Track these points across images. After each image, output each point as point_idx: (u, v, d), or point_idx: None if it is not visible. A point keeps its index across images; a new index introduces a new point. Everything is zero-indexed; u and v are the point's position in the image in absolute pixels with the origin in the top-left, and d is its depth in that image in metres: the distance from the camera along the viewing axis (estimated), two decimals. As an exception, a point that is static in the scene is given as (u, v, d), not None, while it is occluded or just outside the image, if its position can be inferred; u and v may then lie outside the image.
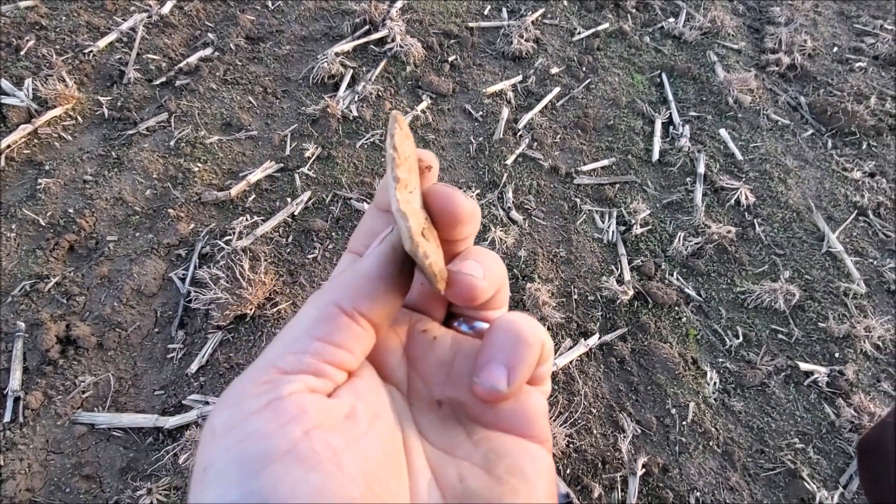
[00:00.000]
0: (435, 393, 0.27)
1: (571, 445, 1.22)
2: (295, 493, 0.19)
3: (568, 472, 1.19)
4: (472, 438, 0.26)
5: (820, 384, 1.36)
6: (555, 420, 1.22)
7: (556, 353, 1.35)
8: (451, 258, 0.29)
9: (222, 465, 0.20)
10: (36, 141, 1.57)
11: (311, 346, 0.23)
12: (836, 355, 1.42)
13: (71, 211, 1.45)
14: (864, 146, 1.92)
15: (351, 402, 0.24)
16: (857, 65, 2.17)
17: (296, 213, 1.53)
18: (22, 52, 1.73)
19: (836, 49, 2.25)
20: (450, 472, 0.25)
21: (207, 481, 0.20)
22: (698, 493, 1.20)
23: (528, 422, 0.26)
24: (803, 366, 1.38)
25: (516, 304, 1.41)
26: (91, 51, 1.78)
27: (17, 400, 1.16)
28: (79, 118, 1.64)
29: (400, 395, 0.27)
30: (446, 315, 0.32)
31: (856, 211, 1.73)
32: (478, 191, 1.63)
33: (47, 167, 1.52)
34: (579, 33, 2.13)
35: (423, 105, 1.81)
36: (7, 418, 1.14)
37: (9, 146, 1.53)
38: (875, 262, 1.61)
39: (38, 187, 1.47)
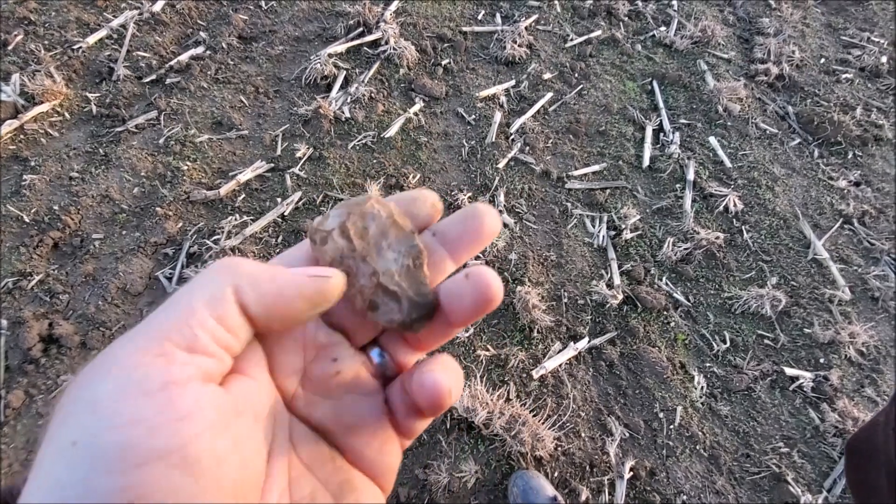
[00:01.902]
0: (315, 416, 0.27)
1: (560, 448, 1.22)
2: (167, 498, 0.18)
3: (556, 475, 1.19)
4: (335, 464, 0.26)
5: (805, 389, 1.38)
6: (543, 423, 1.22)
7: (545, 357, 1.35)
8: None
9: (99, 447, 0.18)
10: (22, 136, 1.55)
11: (208, 323, 0.21)
12: (821, 361, 1.44)
13: (56, 208, 1.43)
14: (850, 156, 1.95)
15: (240, 396, 0.23)
16: (844, 76, 2.21)
17: (286, 214, 1.52)
18: (9, 47, 1.70)
19: (823, 60, 2.28)
20: (304, 489, 0.25)
21: (75, 459, 0.18)
22: (685, 497, 1.20)
23: (385, 472, 0.27)
24: (789, 371, 1.40)
25: (506, 306, 1.41)
26: (80, 47, 1.76)
27: (-4, 399, 1.14)
28: (66, 114, 1.62)
29: (278, 398, 0.26)
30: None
31: (841, 219, 1.76)
32: (469, 193, 1.63)
33: (33, 163, 1.50)
34: (572, 40, 2.15)
35: (416, 107, 1.81)
36: (-15, 418, 1.11)
37: (-6, 141, 1.51)
38: (859, 270, 1.64)
39: (24, 183, 1.45)
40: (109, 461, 0.18)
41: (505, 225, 1.59)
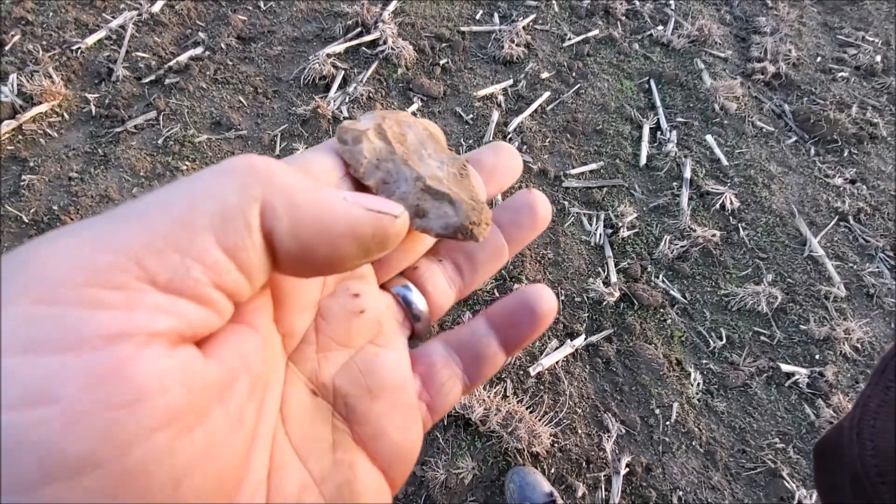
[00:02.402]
0: (326, 373, 0.20)
1: (556, 445, 1.23)
2: None
3: (552, 471, 1.20)
4: (335, 454, 0.19)
5: (801, 385, 1.39)
6: (540, 419, 1.23)
7: (542, 354, 1.36)
8: None
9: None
10: (20, 137, 1.55)
11: (210, 254, 0.14)
12: (817, 357, 1.45)
13: (55, 208, 1.43)
14: (846, 153, 1.96)
15: (232, 364, 0.15)
16: (840, 74, 2.22)
17: (284, 213, 1.53)
18: (7, 48, 1.71)
19: (819, 59, 2.29)
20: (289, 484, 0.18)
21: None
22: (681, 493, 1.21)
23: (402, 457, 0.21)
24: (785, 367, 1.41)
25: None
26: (79, 47, 1.77)
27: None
28: (65, 115, 1.63)
29: (281, 352, 0.19)
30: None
31: (837, 216, 1.76)
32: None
33: (32, 164, 1.51)
34: (570, 39, 2.16)
35: (414, 107, 1.82)
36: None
37: (-7, 142, 1.51)
38: (855, 267, 1.65)
39: (22, 184, 1.46)
40: (8, 467, 0.10)
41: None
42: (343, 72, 1.86)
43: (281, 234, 0.15)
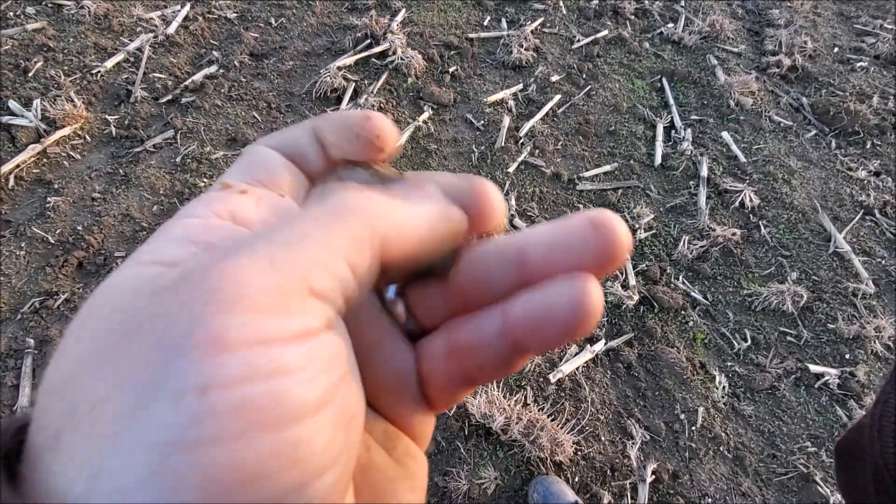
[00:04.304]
0: None
1: (579, 453, 1.21)
2: (325, 453, 0.15)
3: (576, 479, 1.18)
4: (370, 412, 0.21)
5: (831, 386, 1.35)
6: (562, 427, 1.22)
7: (561, 360, 1.34)
8: None
9: (248, 398, 0.13)
10: (45, 160, 1.60)
11: (342, 271, 0.17)
12: (847, 356, 1.41)
13: (80, 228, 1.47)
14: (868, 145, 1.91)
15: (348, 343, 0.18)
16: (859, 64, 2.17)
17: (300, 226, 1.55)
18: (30, 74, 1.77)
19: (836, 49, 2.24)
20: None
21: (194, 410, 0.13)
22: (710, 500, 1.18)
23: (418, 435, 0.22)
24: (813, 368, 1.37)
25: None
26: (98, 71, 1.81)
27: (27, 416, 1.17)
28: (87, 137, 1.68)
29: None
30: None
31: (862, 210, 1.72)
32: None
33: (56, 186, 1.55)
34: (579, 41, 2.14)
35: (425, 115, 1.83)
36: (18, 434, 1.15)
37: (18, 166, 1.56)
38: (883, 262, 1.60)
39: (48, 206, 1.50)
40: (261, 415, 0.13)
41: (517, 229, 1.59)
42: (354, 84, 1.88)
43: (392, 257, 0.18)
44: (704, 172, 1.76)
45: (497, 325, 0.20)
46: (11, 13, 1.92)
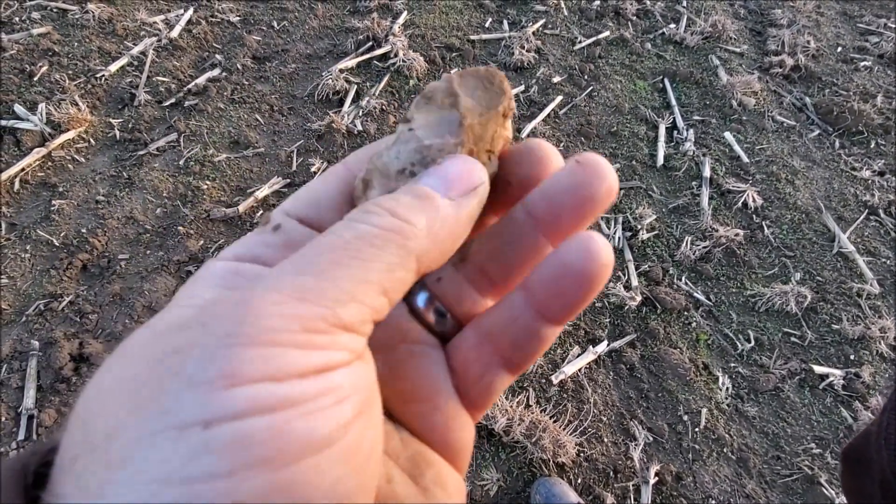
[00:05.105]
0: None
1: (582, 454, 1.21)
2: (326, 498, 0.14)
3: (579, 481, 1.18)
4: (400, 436, 0.21)
5: (836, 387, 1.34)
6: (564, 429, 1.21)
7: (564, 361, 1.34)
8: None
9: (244, 432, 0.13)
10: (50, 164, 1.61)
11: (377, 302, 0.17)
12: (852, 357, 1.40)
13: (84, 231, 1.48)
14: (873, 145, 1.90)
15: (372, 367, 0.18)
16: (862, 64, 2.16)
17: (302, 228, 1.55)
18: (35, 78, 1.78)
19: (840, 49, 2.23)
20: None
21: (199, 446, 0.13)
22: (713, 502, 1.18)
23: (456, 449, 0.22)
24: (818, 369, 1.36)
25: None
26: (103, 75, 1.83)
27: (31, 418, 1.18)
28: (91, 140, 1.69)
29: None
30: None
31: (866, 210, 1.71)
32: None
33: (61, 189, 1.56)
34: (580, 42, 2.14)
35: (427, 117, 1.83)
36: (21, 436, 1.16)
37: (23, 169, 1.57)
38: (888, 262, 1.59)
39: (52, 209, 1.51)
40: (259, 450, 0.13)
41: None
42: (356, 86, 1.89)
43: (427, 270, 0.19)
44: (707, 173, 1.75)
45: (521, 297, 0.21)
46: (17, 18, 1.93)
